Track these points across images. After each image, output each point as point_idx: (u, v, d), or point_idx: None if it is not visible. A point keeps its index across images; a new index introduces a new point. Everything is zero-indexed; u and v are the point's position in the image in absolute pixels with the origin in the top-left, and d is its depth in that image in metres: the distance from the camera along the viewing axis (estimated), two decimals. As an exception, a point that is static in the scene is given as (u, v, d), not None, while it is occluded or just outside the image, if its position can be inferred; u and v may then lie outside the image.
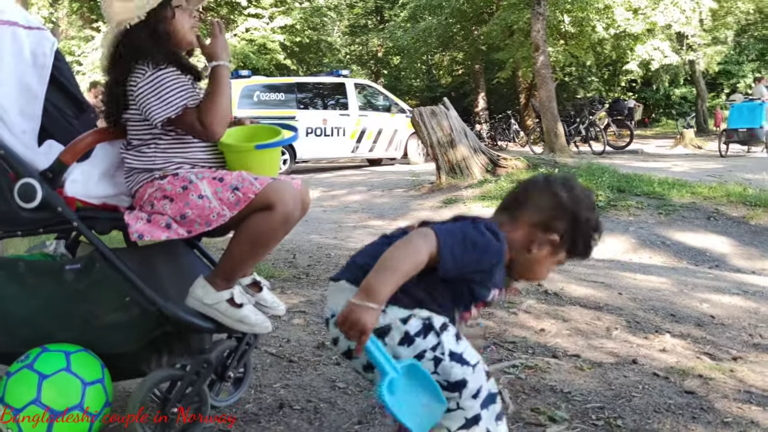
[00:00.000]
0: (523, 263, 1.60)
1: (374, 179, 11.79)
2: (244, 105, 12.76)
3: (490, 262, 1.50)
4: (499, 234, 1.52)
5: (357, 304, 1.35)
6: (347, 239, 5.98)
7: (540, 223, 1.57)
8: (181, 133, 1.95)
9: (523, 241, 1.58)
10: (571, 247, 1.59)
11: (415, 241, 1.43)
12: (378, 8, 31.22)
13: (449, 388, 1.46)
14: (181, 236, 1.86)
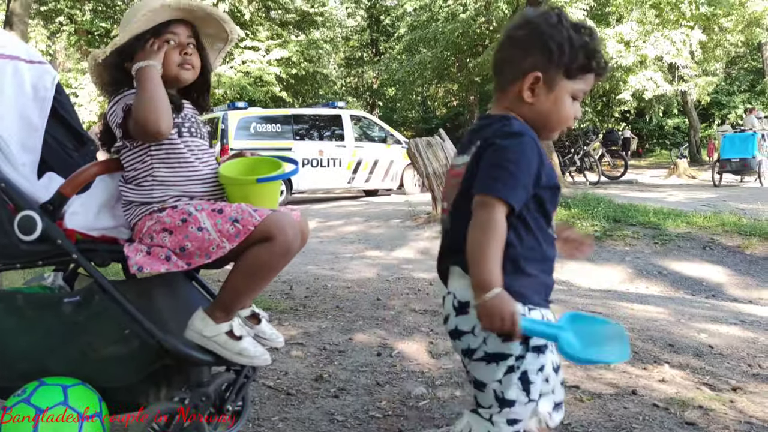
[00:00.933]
0: (539, 118, 1.50)
1: (371, 210, 11.81)
2: (241, 136, 12.82)
3: (535, 156, 1.42)
4: (512, 122, 1.47)
5: (485, 300, 1.34)
6: (344, 270, 5.97)
7: (515, 74, 1.49)
8: (176, 165, 1.95)
9: (518, 101, 1.49)
10: (568, 67, 1.46)
11: (485, 217, 1.38)
12: (373, 41, 31.63)
13: (500, 401, 1.45)
14: (181, 268, 1.86)
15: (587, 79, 1.50)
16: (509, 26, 1.54)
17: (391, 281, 5.33)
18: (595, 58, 1.48)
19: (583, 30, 1.47)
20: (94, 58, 1.96)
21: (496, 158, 1.41)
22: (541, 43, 1.45)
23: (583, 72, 1.48)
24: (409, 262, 6.67)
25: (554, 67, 1.45)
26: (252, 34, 21.43)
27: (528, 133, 1.44)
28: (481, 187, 1.41)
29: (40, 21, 20.89)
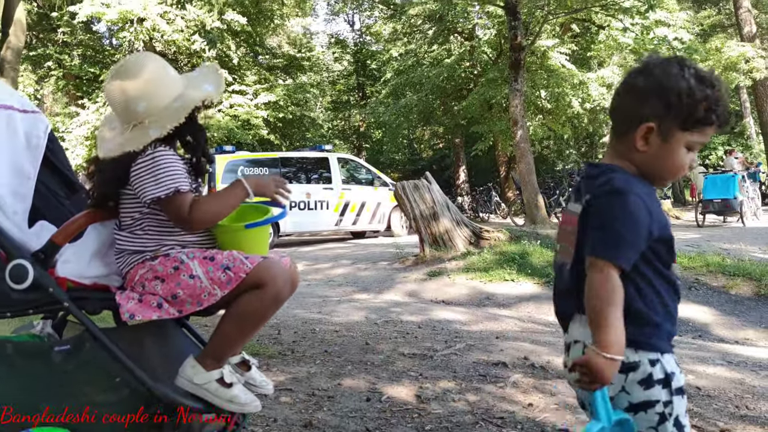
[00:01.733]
0: (650, 167, 1.50)
1: (358, 252, 11.82)
2: (229, 180, 12.82)
3: (642, 212, 1.43)
4: (616, 177, 1.46)
5: (600, 354, 1.36)
6: (332, 314, 5.96)
7: (631, 122, 1.49)
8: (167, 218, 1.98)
9: (631, 148, 1.49)
10: (685, 119, 1.43)
11: (599, 282, 1.41)
12: (360, 85, 32.04)
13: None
14: (172, 316, 1.87)
15: (705, 131, 1.46)
16: (629, 72, 1.53)
17: (380, 325, 5.33)
18: (716, 111, 1.43)
19: (706, 81, 1.43)
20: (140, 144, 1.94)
21: (602, 218, 1.44)
22: (659, 93, 1.44)
23: (701, 124, 1.44)
24: (398, 304, 6.66)
25: (671, 118, 1.44)
26: (240, 79, 21.67)
27: (633, 188, 1.44)
28: (591, 248, 1.44)
29: (28, 66, 21.03)
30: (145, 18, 17.19)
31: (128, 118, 1.95)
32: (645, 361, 1.46)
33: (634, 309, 1.44)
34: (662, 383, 1.46)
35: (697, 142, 1.47)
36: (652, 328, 1.48)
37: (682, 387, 1.49)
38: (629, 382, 1.46)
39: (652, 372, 1.46)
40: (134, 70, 1.97)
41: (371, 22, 31.40)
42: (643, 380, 1.46)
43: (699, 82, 1.42)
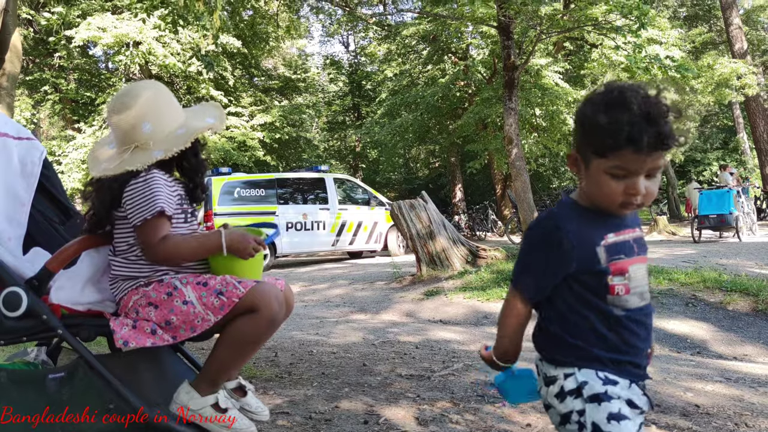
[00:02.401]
0: (590, 194, 1.51)
1: (355, 272, 11.80)
2: (225, 202, 12.88)
3: (548, 245, 1.50)
4: (553, 208, 1.57)
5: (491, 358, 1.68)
6: (329, 335, 5.93)
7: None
8: None
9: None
10: (595, 145, 1.43)
11: (504, 303, 1.63)
12: (355, 105, 32.20)
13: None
14: (167, 342, 1.86)
15: (623, 156, 1.39)
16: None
17: (377, 345, 5.30)
18: (622, 135, 1.37)
19: (618, 104, 1.40)
20: (144, 164, 1.95)
21: (520, 248, 1.60)
22: (577, 120, 1.50)
23: (612, 149, 1.40)
24: (395, 325, 6.63)
25: (585, 145, 1.46)
26: (236, 100, 21.78)
27: (555, 222, 1.50)
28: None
29: (24, 90, 21.11)
30: (140, 42, 17.30)
31: (131, 140, 1.96)
32: (561, 375, 1.54)
33: (551, 331, 1.58)
34: (574, 393, 1.51)
35: (616, 167, 1.42)
36: (569, 348, 1.54)
37: (599, 394, 1.49)
38: (549, 395, 1.56)
39: (563, 384, 1.52)
40: (143, 93, 1.99)
41: (366, 43, 31.66)
42: (558, 393, 1.53)
43: (608, 107, 1.41)
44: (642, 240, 1.55)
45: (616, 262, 1.48)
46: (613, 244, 1.49)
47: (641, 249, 1.55)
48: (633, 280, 1.50)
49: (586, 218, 1.51)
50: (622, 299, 1.50)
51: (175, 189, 2.00)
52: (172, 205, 1.94)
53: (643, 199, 1.43)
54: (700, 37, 27.52)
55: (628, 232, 1.52)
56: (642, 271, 1.53)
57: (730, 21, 22.78)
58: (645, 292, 1.54)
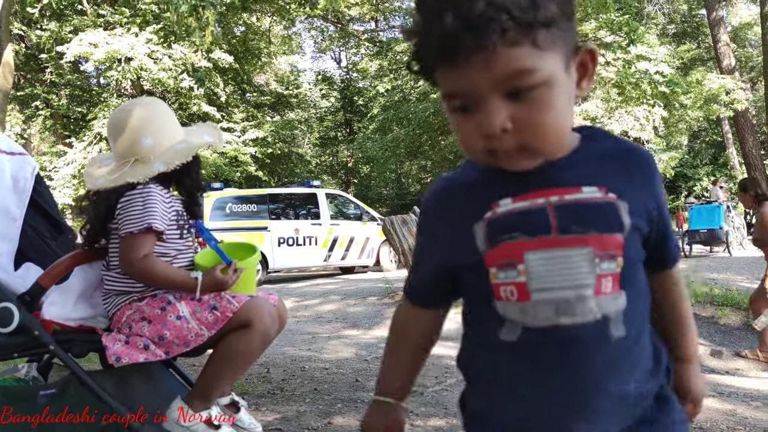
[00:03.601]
0: None
1: (347, 288, 11.77)
2: (217, 217, 12.84)
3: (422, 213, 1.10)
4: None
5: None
6: (322, 351, 5.91)
7: None
8: (159, 254, 1.98)
9: None
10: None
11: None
12: (347, 121, 32.28)
13: None
14: (159, 358, 1.86)
15: (443, 76, 0.90)
16: None
17: (370, 361, 5.28)
18: (420, 44, 0.90)
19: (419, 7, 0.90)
20: (145, 177, 1.96)
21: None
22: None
23: (428, 72, 0.93)
24: (387, 340, 6.62)
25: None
26: (228, 116, 21.79)
27: (427, 192, 1.09)
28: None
29: (15, 105, 21.06)
30: (132, 57, 17.31)
31: (131, 154, 1.97)
32: None
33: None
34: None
35: (458, 94, 0.90)
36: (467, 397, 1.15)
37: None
38: None
39: None
40: (143, 109, 2.01)
41: (358, 59, 31.81)
42: None
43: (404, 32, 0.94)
44: (591, 208, 0.93)
45: (501, 244, 0.94)
46: (502, 217, 0.94)
47: (583, 224, 0.92)
48: (535, 276, 0.92)
49: (482, 179, 0.99)
50: (512, 308, 0.94)
51: (171, 204, 2.00)
52: (165, 221, 1.94)
53: (517, 138, 0.87)
54: (688, 53, 27.81)
55: (544, 193, 0.93)
56: (566, 262, 0.92)
57: (718, 38, 23.05)
58: (573, 303, 0.91)
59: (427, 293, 1.16)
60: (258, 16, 22.06)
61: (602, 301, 0.93)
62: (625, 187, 0.96)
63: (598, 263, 0.92)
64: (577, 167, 0.97)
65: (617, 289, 0.94)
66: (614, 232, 0.93)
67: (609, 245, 0.93)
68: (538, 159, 0.93)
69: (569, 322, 0.92)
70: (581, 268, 0.92)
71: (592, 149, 1.01)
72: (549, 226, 0.92)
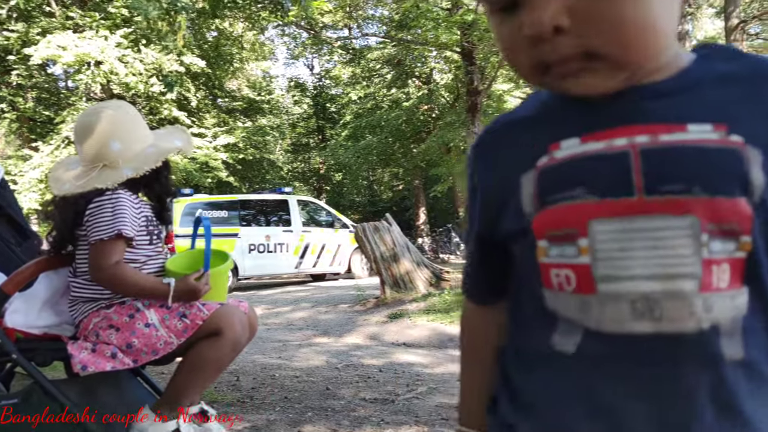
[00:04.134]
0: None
1: (318, 295, 11.73)
2: (187, 223, 12.70)
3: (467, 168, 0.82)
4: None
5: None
6: (292, 359, 5.87)
7: None
8: (128, 260, 1.95)
9: None
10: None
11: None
12: (320, 128, 32.23)
13: None
14: (127, 366, 1.82)
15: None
16: None
17: (341, 369, 5.26)
18: None
19: None
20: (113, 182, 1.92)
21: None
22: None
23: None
24: (359, 348, 6.60)
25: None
26: (199, 121, 21.60)
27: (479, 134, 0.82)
28: None
29: (-20, 108, 20.65)
30: (102, 61, 17.08)
31: (99, 159, 1.93)
32: None
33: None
34: None
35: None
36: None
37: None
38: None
39: None
40: (111, 112, 1.97)
41: (330, 66, 31.80)
42: None
43: None
44: (699, 156, 0.61)
45: (555, 206, 0.66)
46: (563, 164, 0.67)
47: (685, 179, 0.61)
48: (604, 257, 0.63)
49: (543, 112, 0.74)
50: (568, 303, 0.66)
51: (141, 210, 1.97)
52: (135, 227, 1.91)
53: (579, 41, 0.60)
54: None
55: (627, 131, 0.64)
56: (654, 238, 0.62)
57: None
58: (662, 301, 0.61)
59: (486, 282, 0.85)
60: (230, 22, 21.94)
61: (712, 300, 0.60)
62: (759, 126, 0.62)
63: (706, 242, 0.60)
64: (684, 94, 0.65)
65: (737, 285, 0.61)
66: (736, 194, 0.60)
67: (727, 215, 0.60)
68: (617, 77, 0.63)
69: (653, 330, 0.61)
70: (678, 247, 0.60)
71: (711, 70, 0.67)
72: (630, 180, 0.62)
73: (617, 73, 0.63)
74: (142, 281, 1.91)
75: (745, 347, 0.61)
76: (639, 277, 0.61)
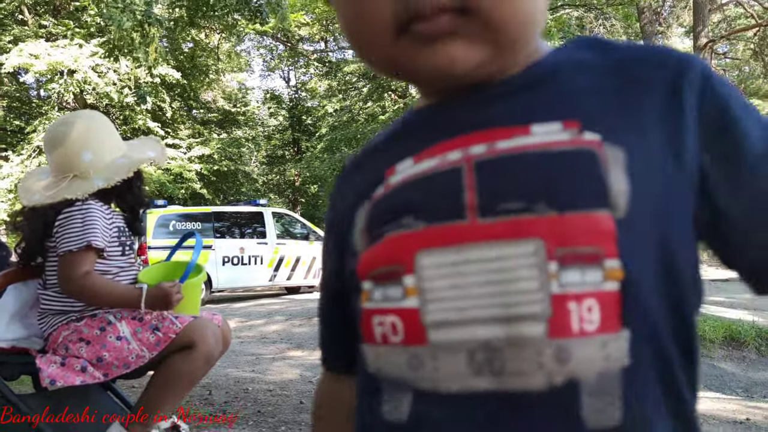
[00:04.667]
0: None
1: (293, 308, 11.66)
2: (160, 235, 12.57)
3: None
4: None
5: None
6: (266, 372, 5.82)
7: None
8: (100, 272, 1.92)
9: None
10: None
11: None
12: (295, 140, 32.16)
13: None
14: (97, 380, 1.79)
15: None
16: None
17: (314, 383, 5.23)
18: None
19: None
20: (84, 193, 1.90)
21: None
22: None
23: None
24: (333, 361, 6.57)
25: None
26: (173, 132, 21.45)
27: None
28: None
29: (-52, 116, 20.29)
30: (75, 70, 16.89)
31: (69, 169, 1.91)
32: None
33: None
34: None
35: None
36: None
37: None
38: None
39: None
40: (83, 122, 1.95)
41: (307, 79, 31.81)
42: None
43: None
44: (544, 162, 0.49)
45: (383, 239, 0.55)
46: (394, 191, 0.56)
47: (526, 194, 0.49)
48: (434, 297, 0.51)
49: (393, 134, 0.65)
50: (393, 359, 0.54)
51: (112, 221, 1.95)
52: (106, 238, 1.89)
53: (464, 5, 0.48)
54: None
55: (463, 141, 0.53)
56: (492, 270, 0.49)
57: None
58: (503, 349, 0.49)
59: (337, 344, 0.72)
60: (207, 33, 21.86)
61: (569, 348, 0.47)
62: (620, 119, 0.50)
63: (555, 272, 0.47)
64: (532, 90, 0.53)
65: (613, 327, 0.47)
66: (592, 207, 0.47)
67: (582, 235, 0.47)
68: (484, 52, 0.50)
69: (495, 387, 0.49)
70: (521, 281, 0.48)
71: (568, 60, 0.55)
72: (461, 201, 0.50)
73: (487, 46, 0.50)
74: (116, 289, 1.89)
75: (626, 410, 0.46)
76: (476, 321, 0.49)
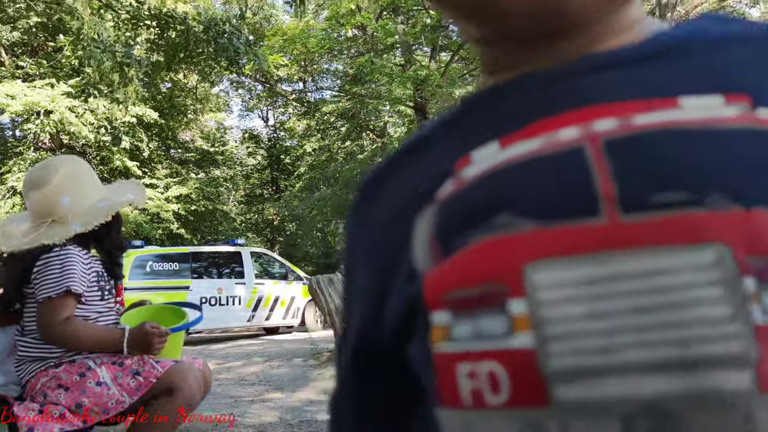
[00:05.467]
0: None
1: (271, 349, 11.53)
2: (136, 276, 12.43)
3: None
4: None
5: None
6: (244, 415, 5.73)
7: None
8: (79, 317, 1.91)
9: None
10: None
11: None
12: (274, 179, 32.18)
13: None
14: (76, 427, 1.77)
15: None
16: None
17: (294, 425, 5.16)
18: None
19: None
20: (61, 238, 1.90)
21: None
22: None
23: None
24: (313, 403, 6.48)
25: None
26: (151, 172, 21.37)
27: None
28: None
29: None
30: (52, 110, 16.84)
31: (48, 214, 1.90)
32: None
33: None
34: None
35: None
36: None
37: None
38: None
39: None
40: (62, 167, 1.95)
41: (285, 119, 32.00)
42: None
43: None
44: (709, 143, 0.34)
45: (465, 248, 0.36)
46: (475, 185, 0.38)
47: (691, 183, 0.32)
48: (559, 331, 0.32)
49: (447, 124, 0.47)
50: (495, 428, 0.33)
51: (91, 266, 1.94)
52: (85, 283, 1.89)
53: None
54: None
55: (579, 116, 0.36)
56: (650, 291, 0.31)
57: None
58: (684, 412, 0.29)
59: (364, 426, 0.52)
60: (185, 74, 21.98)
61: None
62: None
63: (755, 291, 0.31)
64: (663, 59, 0.39)
65: None
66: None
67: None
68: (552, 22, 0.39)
69: None
70: (701, 305, 0.31)
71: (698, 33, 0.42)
72: (592, 191, 0.34)
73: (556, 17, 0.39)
74: (96, 332, 1.87)
75: None
76: (633, 367, 0.31)
